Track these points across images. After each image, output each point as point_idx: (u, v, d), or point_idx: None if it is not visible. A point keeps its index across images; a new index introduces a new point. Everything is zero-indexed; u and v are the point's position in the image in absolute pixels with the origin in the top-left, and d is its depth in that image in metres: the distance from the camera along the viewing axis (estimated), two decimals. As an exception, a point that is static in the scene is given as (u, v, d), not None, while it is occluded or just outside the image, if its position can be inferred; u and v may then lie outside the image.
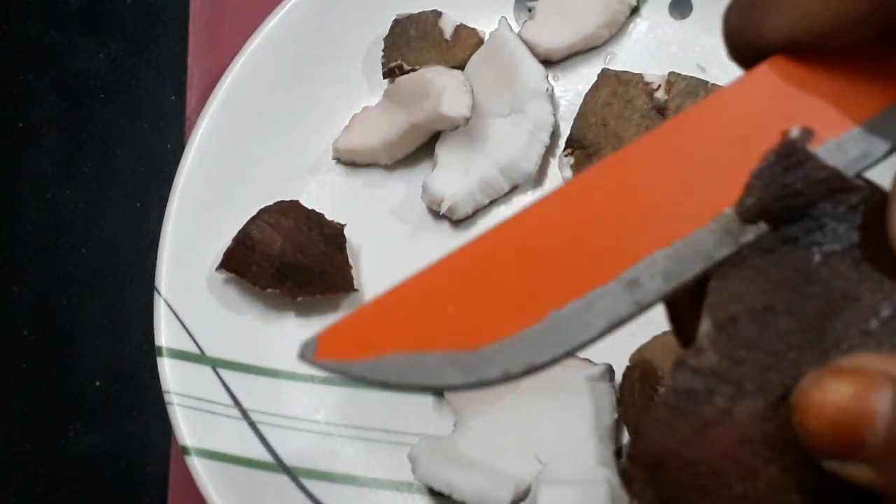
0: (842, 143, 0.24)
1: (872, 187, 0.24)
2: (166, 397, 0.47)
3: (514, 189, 0.51)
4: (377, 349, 0.23)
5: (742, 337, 0.23)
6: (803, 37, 0.23)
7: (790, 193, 0.23)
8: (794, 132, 0.24)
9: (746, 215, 0.23)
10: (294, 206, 0.49)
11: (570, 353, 0.23)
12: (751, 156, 0.24)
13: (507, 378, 0.23)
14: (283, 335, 0.50)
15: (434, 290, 0.24)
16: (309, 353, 0.23)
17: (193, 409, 0.47)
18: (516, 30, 0.51)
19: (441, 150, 0.51)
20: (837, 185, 0.23)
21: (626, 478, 0.23)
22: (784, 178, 0.23)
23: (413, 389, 0.23)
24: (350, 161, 0.52)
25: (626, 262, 0.23)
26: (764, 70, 0.24)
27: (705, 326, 0.23)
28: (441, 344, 0.23)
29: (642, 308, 0.23)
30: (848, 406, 0.21)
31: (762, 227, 0.23)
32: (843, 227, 0.23)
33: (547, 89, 0.50)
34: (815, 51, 0.24)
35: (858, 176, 0.24)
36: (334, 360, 0.23)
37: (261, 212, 0.49)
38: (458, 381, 0.23)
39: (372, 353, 0.23)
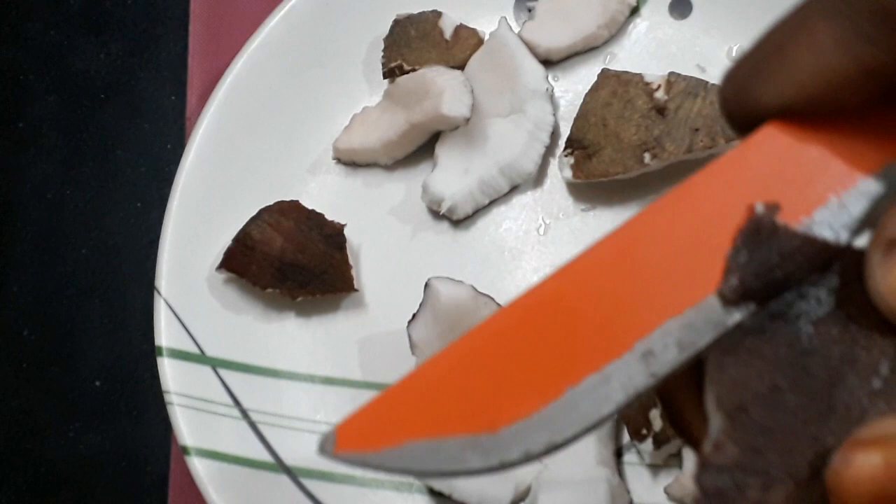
0: (843, 203, 0.24)
1: (846, 246, 0.24)
2: (166, 397, 0.47)
3: (514, 189, 0.51)
4: (396, 437, 0.23)
5: (756, 423, 0.23)
6: (797, 103, 0.24)
7: (768, 269, 0.23)
8: (759, 208, 0.24)
9: (731, 298, 0.23)
10: (294, 206, 0.49)
11: (590, 430, 0.23)
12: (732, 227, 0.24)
13: (528, 458, 0.23)
14: (283, 335, 0.50)
15: (450, 374, 0.24)
16: (328, 446, 0.23)
17: (193, 409, 0.47)
18: (516, 30, 0.51)
19: (441, 150, 0.51)
20: (812, 251, 0.23)
21: None
22: (758, 254, 0.23)
23: (435, 476, 0.23)
24: (350, 161, 0.52)
25: (640, 334, 0.23)
26: (760, 137, 0.24)
27: (716, 421, 0.23)
28: (460, 428, 0.23)
29: (658, 379, 0.23)
30: (884, 477, 0.21)
31: (750, 306, 0.23)
32: (823, 292, 0.23)
33: (547, 89, 0.50)
34: (810, 115, 0.24)
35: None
36: (354, 452, 0.23)
37: (261, 212, 0.49)
38: (480, 465, 0.23)
39: (391, 441, 0.23)
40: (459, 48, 0.51)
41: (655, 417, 0.44)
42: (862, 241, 0.24)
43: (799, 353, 0.23)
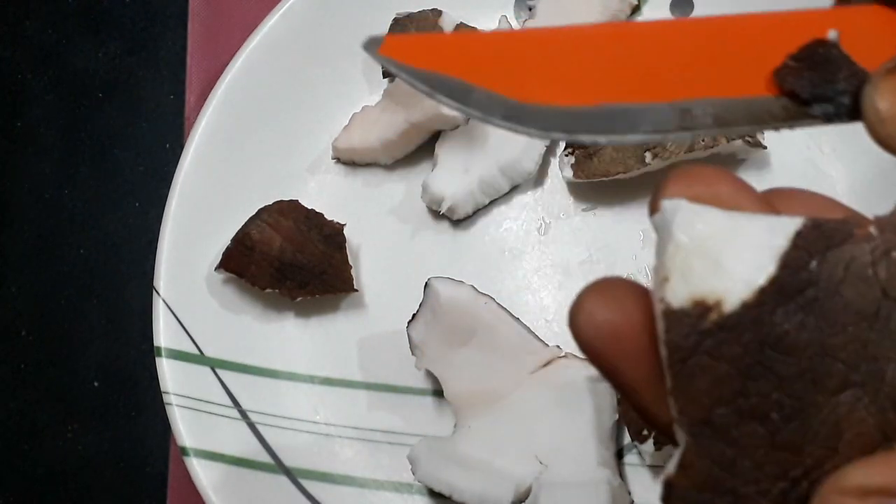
0: None
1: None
2: (165, 398, 0.47)
3: (514, 189, 0.51)
4: (432, 65, 0.24)
5: (722, 437, 0.22)
6: None
7: (821, 82, 0.24)
8: (832, 34, 0.24)
9: (784, 86, 0.24)
10: (293, 205, 0.49)
11: (608, 140, 0.24)
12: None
13: (535, 133, 0.23)
14: (282, 336, 0.50)
15: (507, 47, 0.25)
16: (374, 46, 0.24)
17: (192, 410, 0.47)
18: (517, 28, 0.51)
19: (441, 150, 0.50)
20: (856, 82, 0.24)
21: None
22: (816, 71, 0.24)
23: (445, 102, 0.23)
24: (350, 161, 0.52)
25: (686, 94, 0.24)
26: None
27: (681, 436, 0.22)
28: (490, 83, 0.24)
29: (686, 130, 0.24)
30: None
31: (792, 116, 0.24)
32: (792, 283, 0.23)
33: (547, 88, 0.50)
34: None
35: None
36: (393, 59, 0.24)
37: (260, 211, 0.49)
38: (484, 114, 0.23)
39: (426, 65, 0.24)
40: (459, 47, 0.51)
41: (656, 418, 0.44)
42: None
43: (763, 349, 0.22)
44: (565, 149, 0.49)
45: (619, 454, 0.47)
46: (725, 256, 0.22)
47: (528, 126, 0.23)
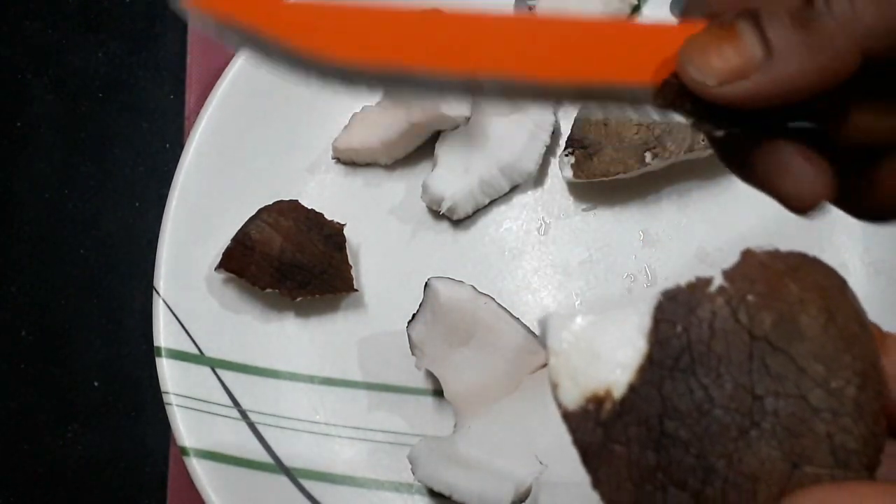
0: None
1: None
2: (165, 398, 0.47)
3: (514, 189, 0.51)
4: (228, 14, 0.24)
5: None
6: None
7: None
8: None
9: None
10: (293, 205, 0.49)
11: (390, 94, 0.25)
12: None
13: (317, 81, 0.24)
14: (282, 335, 0.50)
15: (332, 13, 0.25)
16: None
17: (192, 410, 0.47)
18: (517, 29, 0.51)
19: (441, 150, 0.50)
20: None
21: None
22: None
23: (235, 42, 0.25)
24: (350, 161, 0.52)
25: (469, 66, 0.25)
26: None
27: None
28: (290, 38, 0.24)
29: (471, 91, 0.25)
30: None
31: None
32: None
33: (547, 88, 0.50)
34: None
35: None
36: (197, 9, 0.24)
37: (260, 211, 0.49)
38: (288, 65, 0.24)
39: (228, 17, 0.24)
40: (459, 47, 0.51)
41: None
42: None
43: (662, 420, 0.23)
44: (565, 149, 0.49)
45: (619, 454, 0.46)
46: (601, 348, 0.24)
47: (308, 73, 0.24)
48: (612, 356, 0.24)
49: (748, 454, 0.23)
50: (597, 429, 0.23)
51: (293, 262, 0.48)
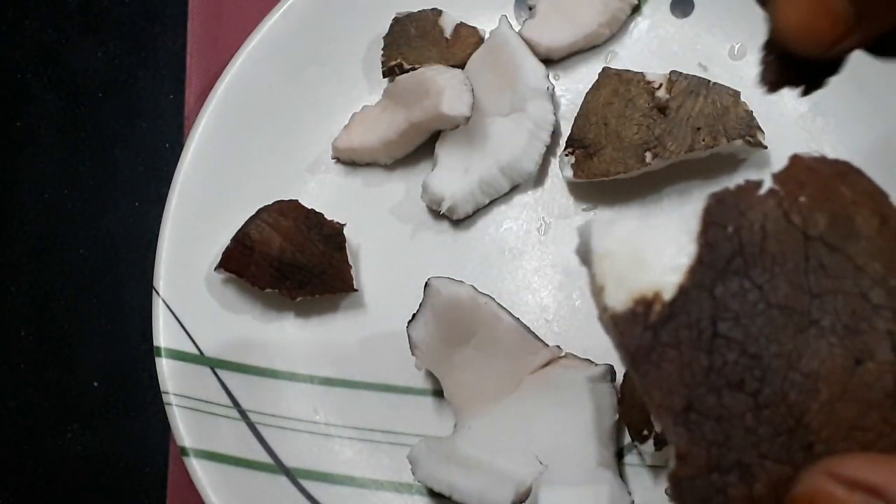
0: None
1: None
2: (165, 398, 0.47)
3: (514, 188, 0.51)
4: None
5: (708, 416, 0.22)
6: None
7: None
8: None
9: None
10: (293, 205, 0.49)
11: None
12: None
13: None
14: (282, 335, 0.50)
15: None
16: None
17: (192, 410, 0.47)
18: (517, 28, 0.51)
19: (441, 150, 0.50)
20: None
21: None
22: None
23: None
24: (350, 160, 0.52)
25: None
26: None
27: (671, 433, 0.23)
28: None
29: None
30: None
31: None
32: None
33: (548, 88, 0.50)
34: None
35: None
36: None
37: (260, 211, 0.49)
38: None
39: None
40: (459, 47, 0.51)
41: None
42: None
43: (715, 321, 0.23)
44: (566, 148, 0.49)
45: (619, 454, 0.46)
46: (647, 252, 0.23)
47: None
48: (659, 259, 0.23)
49: (808, 352, 0.22)
50: (646, 332, 0.23)
51: (293, 262, 0.48)
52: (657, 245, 0.23)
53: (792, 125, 0.50)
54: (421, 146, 0.51)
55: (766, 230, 0.23)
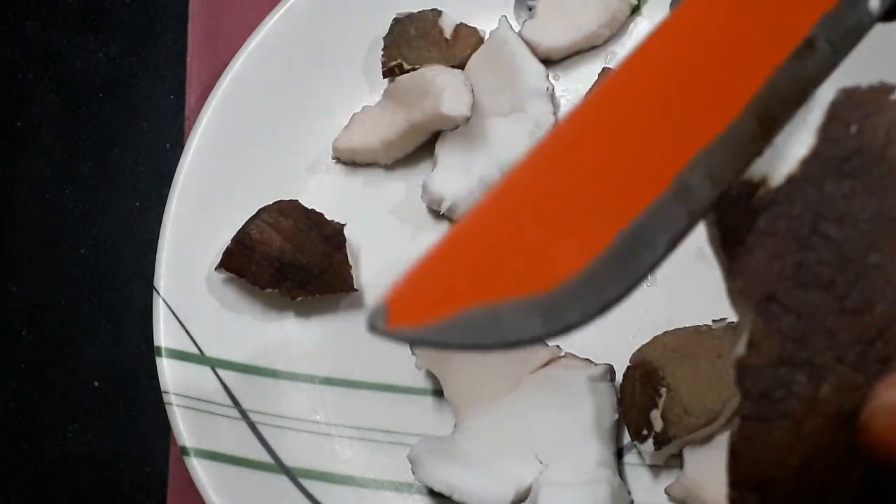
0: (836, 15, 0.23)
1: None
2: (165, 398, 0.47)
3: (514, 189, 0.51)
4: (450, 307, 0.20)
5: (789, 310, 0.21)
6: None
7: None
8: None
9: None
10: (293, 205, 0.49)
11: (642, 279, 0.21)
12: (760, 38, 0.23)
13: (588, 318, 0.21)
14: (282, 335, 0.50)
15: (493, 230, 0.21)
16: (380, 321, 0.21)
17: (192, 410, 0.47)
18: (517, 29, 0.51)
19: (441, 150, 0.50)
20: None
21: None
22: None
23: (496, 348, 0.21)
24: (350, 161, 0.52)
25: (674, 168, 0.22)
26: None
27: (746, 319, 0.22)
28: (515, 290, 0.21)
29: (695, 217, 0.22)
30: None
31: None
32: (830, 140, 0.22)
33: (547, 88, 0.50)
34: None
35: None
36: (408, 327, 0.21)
37: (260, 211, 0.49)
38: (542, 331, 0.21)
39: (445, 312, 0.20)
40: (459, 47, 0.51)
41: (656, 418, 0.44)
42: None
43: (817, 218, 0.22)
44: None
45: (619, 454, 0.46)
46: None
47: (574, 316, 0.20)
48: (775, 144, 0.22)
49: None
50: (745, 213, 0.22)
51: (293, 262, 0.48)
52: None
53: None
54: (421, 146, 0.51)
55: (891, 137, 0.22)
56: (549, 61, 0.52)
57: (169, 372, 0.47)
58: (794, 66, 0.22)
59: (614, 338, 0.47)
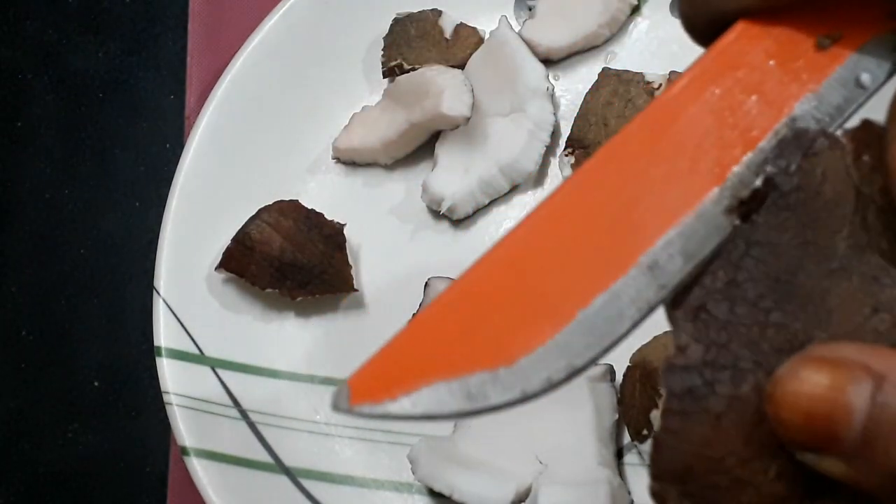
0: (821, 94, 0.25)
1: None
2: (165, 398, 0.47)
3: (514, 188, 0.51)
4: (412, 382, 0.22)
5: (717, 319, 0.23)
6: (756, 1, 0.24)
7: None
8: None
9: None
10: (293, 205, 0.49)
11: (608, 349, 0.23)
12: (739, 122, 0.24)
13: (551, 386, 0.22)
14: (282, 335, 0.50)
15: (457, 311, 0.23)
16: (343, 401, 0.22)
17: (192, 410, 0.47)
18: (517, 29, 0.51)
19: (441, 150, 0.50)
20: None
21: (659, 499, 0.23)
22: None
23: (457, 417, 0.22)
24: (350, 160, 0.52)
25: (642, 247, 0.23)
26: (729, 38, 0.25)
27: (679, 328, 0.23)
28: (476, 365, 0.22)
29: (669, 290, 0.23)
30: (824, 397, 0.21)
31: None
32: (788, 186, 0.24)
33: (547, 88, 0.50)
34: (772, 12, 0.25)
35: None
36: (370, 403, 0.22)
37: (260, 211, 0.49)
38: (501, 400, 0.22)
39: (407, 387, 0.22)
40: (459, 47, 0.51)
41: (656, 418, 0.44)
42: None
43: (749, 244, 0.23)
44: (565, 148, 0.49)
45: (619, 454, 0.46)
46: None
47: (535, 385, 0.22)
48: None
49: (830, 290, 0.23)
50: None
51: (293, 262, 0.48)
52: None
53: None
54: (421, 146, 0.51)
55: (826, 176, 0.24)
56: (549, 61, 0.52)
57: (169, 372, 0.47)
58: (756, 156, 0.24)
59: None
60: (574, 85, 0.52)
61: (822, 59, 0.25)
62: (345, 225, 0.49)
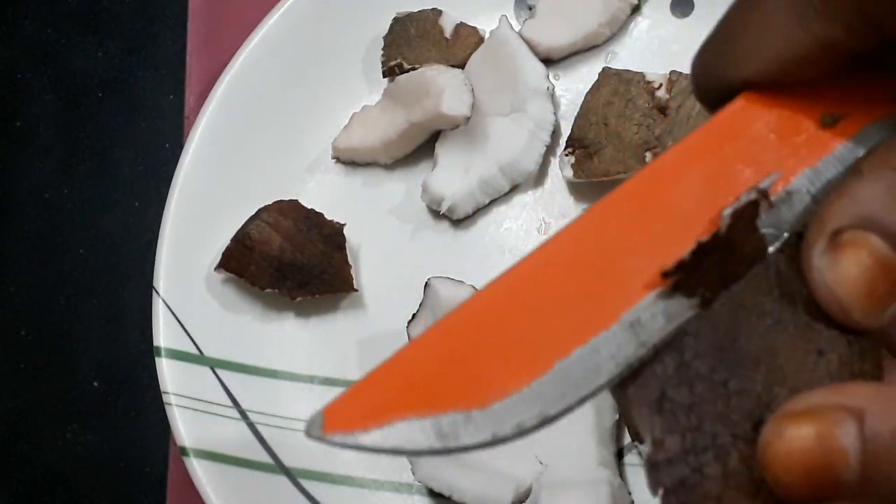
0: (819, 170, 0.25)
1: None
2: (164, 398, 0.47)
3: (514, 188, 0.51)
4: (385, 416, 0.22)
5: (681, 404, 0.23)
6: (762, 77, 0.25)
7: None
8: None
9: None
10: (293, 205, 0.49)
11: (583, 401, 0.23)
12: (732, 191, 0.24)
13: (522, 432, 0.22)
14: (282, 335, 0.50)
15: (438, 351, 0.23)
16: (316, 428, 0.23)
17: (192, 410, 0.47)
18: (517, 28, 0.51)
19: (441, 150, 0.50)
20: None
21: None
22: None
23: (426, 454, 0.22)
24: (349, 160, 0.52)
25: (625, 305, 0.23)
26: (732, 110, 0.25)
27: (647, 424, 0.23)
28: (450, 405, 0.22)
29: (649, 347, 0.23)
30: (815, 449, 0.21)
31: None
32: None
33: (548, 88, 0.50)
34: (778, 87, 0.25)
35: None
36: (343, 433, 0.22)
37: (259, 211, 0.49)
38: (471, 441, 0.22)
39: (380, 420, 0.22)
40: (460, 46, 0.51)
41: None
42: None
43: (683, 322, 0.24)
44: (565, 149, 0.49)
45: (619, 454, 0.46)
46: None
47: (505, 429, 0.22)
48: None
49: (775, 347, 0.23)
50: None
51: (293, 262, 0.48)
52: None
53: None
54: (421, 146, 0.51)
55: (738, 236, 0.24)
56: (549, 61, 0.52)
57: (168, 372, 0.47)
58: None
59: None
60: (574, 84, 0.52)
61: (824, 136, 0.25)
62: (344, 225, 0.49)
